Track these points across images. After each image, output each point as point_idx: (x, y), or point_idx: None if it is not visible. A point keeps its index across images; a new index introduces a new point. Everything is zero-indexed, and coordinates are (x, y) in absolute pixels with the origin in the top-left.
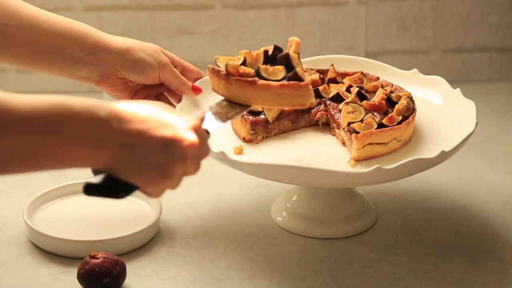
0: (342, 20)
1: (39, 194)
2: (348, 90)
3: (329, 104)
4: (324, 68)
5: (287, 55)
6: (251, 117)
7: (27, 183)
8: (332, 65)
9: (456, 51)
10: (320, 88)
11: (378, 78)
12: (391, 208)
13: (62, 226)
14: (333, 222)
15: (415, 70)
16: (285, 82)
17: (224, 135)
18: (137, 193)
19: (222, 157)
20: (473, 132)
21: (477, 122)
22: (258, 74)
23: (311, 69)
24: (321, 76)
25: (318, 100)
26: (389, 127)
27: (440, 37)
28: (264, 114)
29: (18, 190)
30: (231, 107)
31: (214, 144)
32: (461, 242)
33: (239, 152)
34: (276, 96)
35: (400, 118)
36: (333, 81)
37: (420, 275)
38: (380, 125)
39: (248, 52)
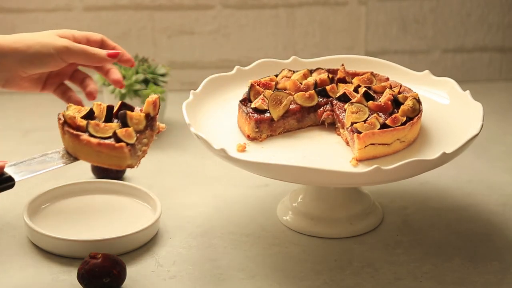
0: (342, 20)
1: (39, 194)
2: (356, 90)
3: (336, 104)
4: (335, 68)
5: (124, 114)
6: (256, 115)
7: (27, 183)
8: (343, 64)
9: (456, 51)
10: (328, 87)
11: (388, 79)
12: (391, 208)
13: (62, 226)
14: (339, 222)
15: (426, 71)
16: (102, 141)
17: (229, 132)
18: (138, 193)
19: (223, 154)
20: (477, 135)
21: (482, 125)
22: (86, 128)
23: (321, 69)
24: (331, 75)
25: (325, 100)
26: (392, 128)
27: (440, 37)
28: (269, 112)
29: (18, 190)
30: (62, 156)
31: (217, 141)
32: (461, 242)
33: (242, 149)
34: (96, 153)
35: (405, 119)
36: (343, 81)
37: (420, 275)
38: (384, 126)
39: (99, 105)
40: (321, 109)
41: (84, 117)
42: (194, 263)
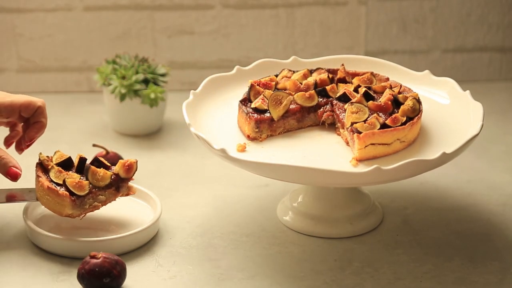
0: (342, 20)
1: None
2: (356, 90)
3: (336, 104)
4: (335, 68)
5: (88, 168)
6: (256, 115)
7: (27, 183)
8: (343, 64)
9: (456, 51)
10: (328, 87)
11: (388, 79)
12: (391, 208)
13: (62, 226)
14: (339, 222)
15: (427, 71)
16: (51, 185)
17: (229, 132)
18: (138, 193)
19: (223, 154)
20: (477, 135)
21: (482, 125)
22: (49, 172)
23: (321, 69)
24: (331, 75)
25: (325, 100)
26: (392, 128)
27: (440, 37)
28: (269, 112)
29: None
30: (33, 194)
31: (217, 140)
32: (461, 242)
33: (242, 149)
34: (45, 196)
35: (405, 119)
36: (343, 81)
37: (420, 275)
38: (384, 126)
39: (79, 155)
40: (321, 109)
41: (59, 164)
42: (194, 263)
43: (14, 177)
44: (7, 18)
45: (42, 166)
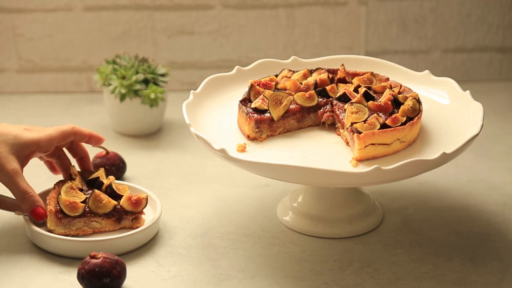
0: (342, 20)
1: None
2: (356, 90)
3: (335, 104)
4: (335, 68)
5: (93, 191)
6: (256, 115)
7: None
8: (343, 65)
9: (456, 51)
10: (328, 87)
11: (388, 79)
12: (391, 208)
13: None
14: (339, 222)
15: (426, 71)
16: (51, 198)
17: (229, 132)
18: (137, 193)
19: (223, 154)
20: (477, 135)
21: (482, 125)
22: (62, 185)
23: (321, 69)
24: (331, 75)
25: (325, 100)
26: (392, 128)
27: (440, 37)
28: (269, 112)
29: None
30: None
31: (217, 141)
32: (461, 242)
33: (242, 149)
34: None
35: (405, 119)
36: (343, 81)
37: (420, 275)
38: (384, 126)
39: (108, 178)
40: (321, 109)
41: (87, 180)
42: (194, 263)
43: (39, 217)
44: (7, 18)
45: (71, 177)
